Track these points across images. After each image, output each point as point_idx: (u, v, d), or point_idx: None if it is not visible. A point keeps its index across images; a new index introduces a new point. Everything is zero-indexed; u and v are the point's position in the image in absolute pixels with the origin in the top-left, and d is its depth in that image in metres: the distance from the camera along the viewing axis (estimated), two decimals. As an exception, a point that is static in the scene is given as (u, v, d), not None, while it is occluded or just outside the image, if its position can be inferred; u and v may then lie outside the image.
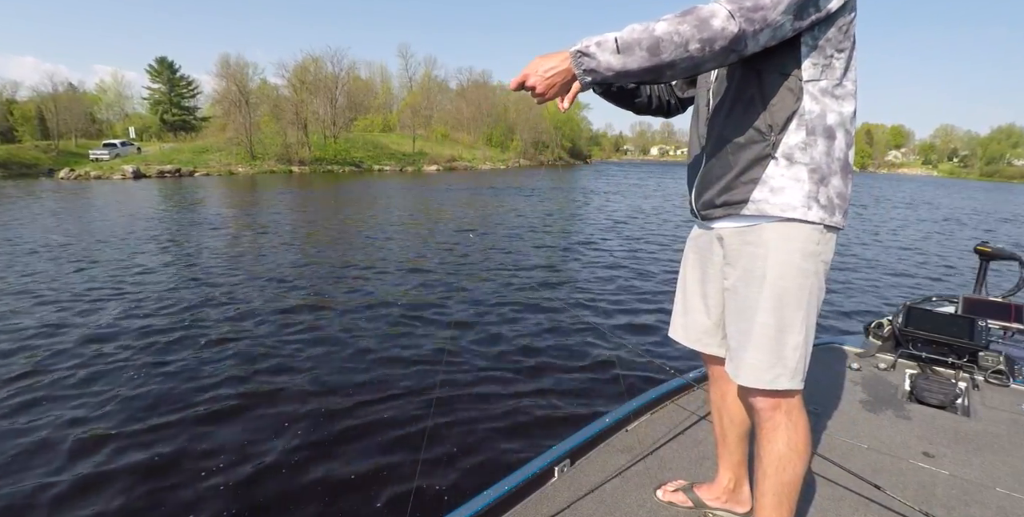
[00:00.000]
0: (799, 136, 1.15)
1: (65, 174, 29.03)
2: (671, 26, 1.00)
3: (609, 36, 1.02)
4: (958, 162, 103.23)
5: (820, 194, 1.17)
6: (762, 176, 1.19)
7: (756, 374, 1.23)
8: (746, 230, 1.24)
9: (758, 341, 1.22)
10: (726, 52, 1.03)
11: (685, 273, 1.51)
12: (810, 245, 1.19)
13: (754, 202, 1.20)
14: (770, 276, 1.20)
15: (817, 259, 1.20)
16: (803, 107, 1.15)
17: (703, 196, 1.30)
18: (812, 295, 1.22)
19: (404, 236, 10.91)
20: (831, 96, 1.16)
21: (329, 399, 3.65)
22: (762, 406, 1.28)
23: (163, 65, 55.87)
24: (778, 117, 1.16)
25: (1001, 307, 2.75)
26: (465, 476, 2.81)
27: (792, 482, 1.28)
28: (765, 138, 1.17)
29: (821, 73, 1.14)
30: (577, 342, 4.84)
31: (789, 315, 1.20)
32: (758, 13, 1.00)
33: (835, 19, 1.11)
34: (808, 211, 1.17)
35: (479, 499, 1.51)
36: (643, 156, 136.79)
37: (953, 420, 2.19)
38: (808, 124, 1.15)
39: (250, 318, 5.36)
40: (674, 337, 1.56)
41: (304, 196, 20.70)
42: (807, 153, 1.16)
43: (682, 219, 14.90)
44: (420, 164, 46.67)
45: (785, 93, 1.15)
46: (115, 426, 3.28)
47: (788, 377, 1.22)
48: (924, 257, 10.42)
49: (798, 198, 1.16)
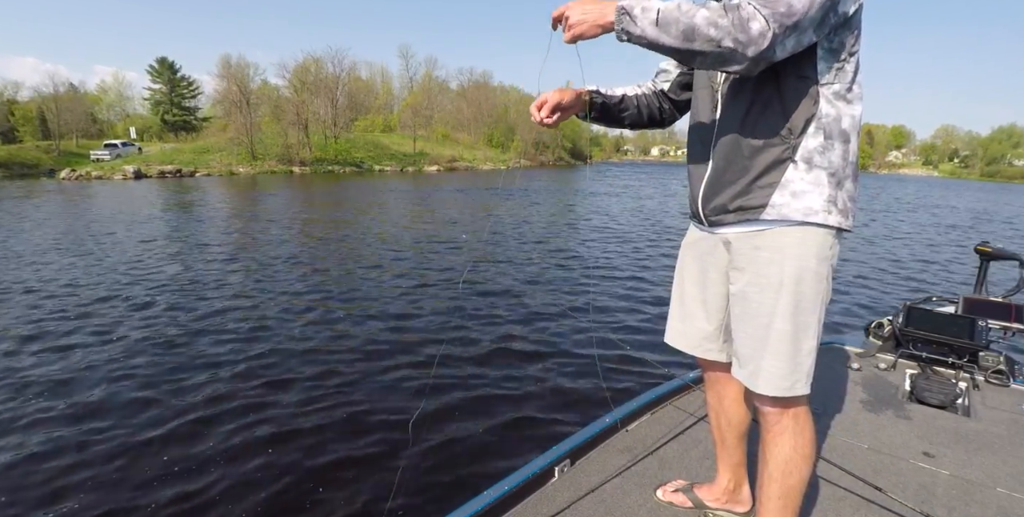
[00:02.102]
0: (817, 140, 1.14)
1: (66, 174, 29.06)
2: (711, 18, 0.98)
3: (655, 4, 1.01)
4: (959, 162, 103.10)
5: (838, 198, 1.17)
6: (781, 180, 1.16)
7: (775, 382, 1.22)
8: (757, 234, 1.22)
9: (775, 348, 1.21)
10: (757, 59, 1.01)
11: (683, 279, 1.49)
12: (825, 250, 1.19)
13: (773, 207, 1.17)
14: (788, 282, 1.18)
15: (829, 263, 1.21)
16: (821, 110, 1.14)
17: (713, 201, 1.27)
18: (824, 300, 1.22)
19: (402, 237, 10.91)
20: (844, 100, 1.16)
21: (311, 399, 3.66)
22: (771, 411, 1.27)
23: (164, 65, 55.89)
24: (797, 121, 1.14)
25: (1001, 307, 2.74)
26: (464, 475, 2.81)
27: (798, 486, 1.28)
28: (785, 141, 1.15)
29: (835, 77, 1.14)
30: (576, 342, 4.84)
31: (805, 320, 1.20)
32: (791, 19, 0.98)
33: (850, 23, 1.11)
34: (828, 215, 1.16)
35: (479, 499, 1.51)
36: (643, 157, 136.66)
37: (953, 420, 2.19)
38: (826, 128, 1.14)
39: (250, 316, 5.38)
40: (671, 343, 1.55)
41: (304, 196, 20.71)
42: (826, 157, 1.15)
43: (674, 219, 14.89)
44: (421, 164, 46.68)
45: (803, 96, 1.14)
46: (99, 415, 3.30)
47: (803, 383, 1.22)
48: (924, 257, 10.41)
49: (819, 202, 1.16)
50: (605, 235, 11.57)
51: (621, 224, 13.56)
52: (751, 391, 1.29)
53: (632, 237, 11.38)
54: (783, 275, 1.19)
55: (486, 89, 65.25)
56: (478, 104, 61.56)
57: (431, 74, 67.21)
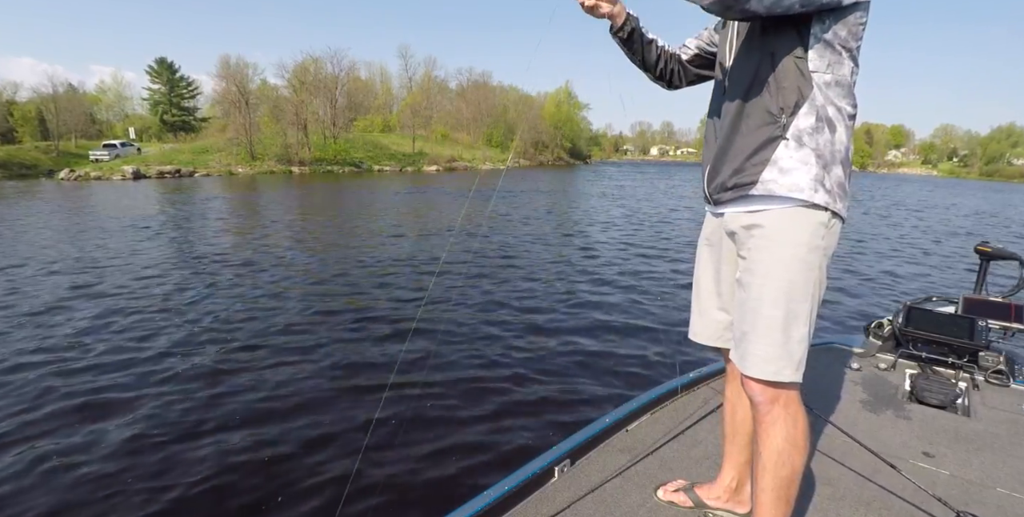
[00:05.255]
0: (809, 120, 1.19)
1: (65, 175, 28.98)
2: None
3: None
4: (958, 162, 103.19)
5: (825, 179, 1.20)
6: (772, 157, 1.21)
7: (761, 365, 1.25)
8: (750, 215, 1.27)
9: (764, 333, 1.24)
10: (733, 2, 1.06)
11: (699, 273, 1.53)
12: (816, 238, 1.22)
13: (763, 183, 1.22)
14: (776, 269, 1.22)
15: (821, 252, 1.23)
16: (814, 94, 1.18)
17: (716, 180, 1.33)
18: (816, 287, 1.24)
19: (398, 237, 10.91)
20: (834, 91, 1.19)
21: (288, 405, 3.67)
22: (761, 399, 1.29)
23: (163, 66, 55.88)
24: (789, 100, 1.19)
25: (1001, 307, 2.74)
26: (462, 471, 2.82)
27: (790, 477, 1.28)
28: (776, 120, 1.20)
29: (827, 67, 1.18)
30: (574, 341, 4.84)
31: (795, 308, 1.22)
32: None
33: (844, 15, 1.15)
34: (815, 193, 1.19)
35: (479, 499, 1.51)
36: (643, 156, 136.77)
37: (953, 420, 2.19)
38: (818, 111, 1.19)
39: (249, 314, 5.38)
40: (694, 339, 1.57)
41: (304, 196, 20.69)
42: (814, 138, 1.19)
43: (677, 219, 14.90)
44: (420, 164, 46.64)
45: (797, 77, 1.18)
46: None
47: (792, 369, 1.23)
48: (924, 257, 10.41)
49: (805, 180, 1.19)
50: (604, 234, 11.58)
51: (621, 223, 13.58)
52: (744, 378, 1.31)
53: (634, 234, 11.40)
54: (772, 261, 1.23)
55: (485, 89, 65.15)
56: (477, 104, 61.51)
57: (430, 74, 67.16)
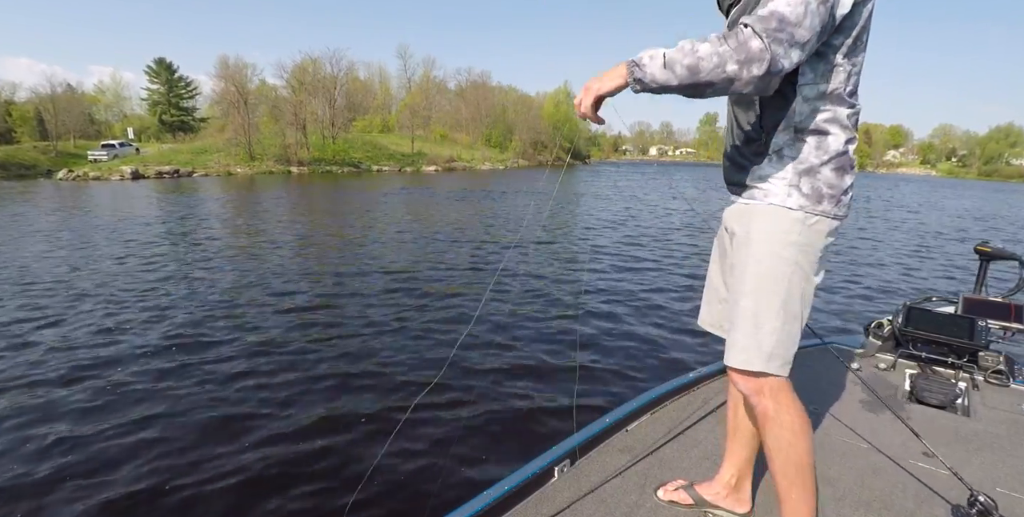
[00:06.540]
0: (786, 136, 1.25)
1: (64, 175, 28.95)
2: (712, 48, 1.05)
3: (661, 51, 1.11)
4: (957, 162, 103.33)
5: (803, 183, 1.25)
6: (753, 167, 1.32)
7: (735, 354, 1.30)
8: (741, 209, 1.36)
9: (739, 323, 1.30)
10: (765, 76, 1.06)
11: (711, 264, 1.60)
12: (792, 235, 1.26)
13: (747, 187, 1.34)
14: (750, 262, 1.29)
15: (798, 248, 1.26)
16: (793, 110, 1.21)
17: (726, 175, 1.44)
18: (792, 283, 1.27)
19: (397, 239, 10.90)
20: (828, 99, 1.21)
21: (295, 409, 3.66)
22: (743, 388, 1.34)
23: (161, 66, 55.88)
24: (768, 122, 1.26)
25: (1001, 307, 2.74)
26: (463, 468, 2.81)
27: (798, 462, 1.29)
28: (759, 137, 1.29)
29: (820, 77, 1.19)
30: (572, 342, 4.84)
31: (767, 300, 1.27)
32: (783, 33, 1.03)
33: (842, 25, 1.14)
34: (788, 198, 1.26)
35: (479, 499, 1.51)
36: (642, 156, 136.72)
37: (953, 420, 2.19)
38: (796, 125, 1.23)
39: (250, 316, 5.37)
40: (701, 326, 1.63)
41: (303, 196, 20.68)
42: (794, 148, 1.25)
43: (674, 217, 14.90)
44: (419, 164, 46.62)
45: (777, 98, 1.22)
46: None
47: (761, 360, 1.27)
48: (924, 257, 10.42)
49: (779, 186, 1.27)
50: (603, 233, 11.59)
51: (622, 222, 13.58)
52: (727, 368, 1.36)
53: (634, 233, 11.40)
54: (748, 254, 1.30)
55: (484, 89, 65.13)
56: (476, 104, 61.49)
57: (429, 74, 67.18)
